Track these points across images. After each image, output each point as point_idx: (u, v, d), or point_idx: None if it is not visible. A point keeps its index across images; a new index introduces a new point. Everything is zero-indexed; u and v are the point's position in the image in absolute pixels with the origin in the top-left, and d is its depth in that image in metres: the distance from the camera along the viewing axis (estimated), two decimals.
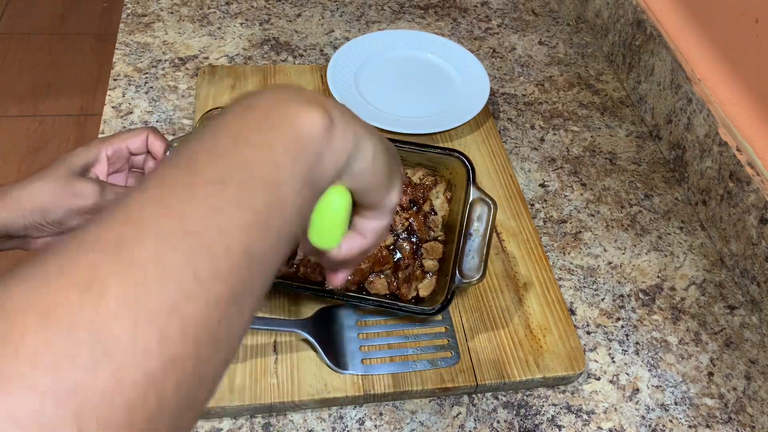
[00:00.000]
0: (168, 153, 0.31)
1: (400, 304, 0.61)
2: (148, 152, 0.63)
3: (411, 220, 0.65)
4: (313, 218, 0.39)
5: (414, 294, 0.63)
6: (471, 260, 0.60)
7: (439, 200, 0.66)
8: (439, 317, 0.64)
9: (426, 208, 0.66)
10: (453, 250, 0.61)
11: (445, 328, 0.63)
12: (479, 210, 0.61)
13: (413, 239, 0.64)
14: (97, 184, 0.55)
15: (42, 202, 0.53)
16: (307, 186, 0.34)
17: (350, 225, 0.42)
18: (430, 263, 0.63)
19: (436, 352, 0.61)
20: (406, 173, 0.68)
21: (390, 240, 0.64)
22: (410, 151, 0.66)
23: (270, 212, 0.31)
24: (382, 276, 0.63)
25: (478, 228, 0.61)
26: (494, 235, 0.72)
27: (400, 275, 0.63)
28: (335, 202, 0.39)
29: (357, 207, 0.42)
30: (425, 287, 0.63)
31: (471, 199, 0.62)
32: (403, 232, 0.64)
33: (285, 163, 0.32)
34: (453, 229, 0.63)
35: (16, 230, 0.53)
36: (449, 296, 0.59)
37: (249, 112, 0.34)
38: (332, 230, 0.40)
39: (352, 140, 0.36)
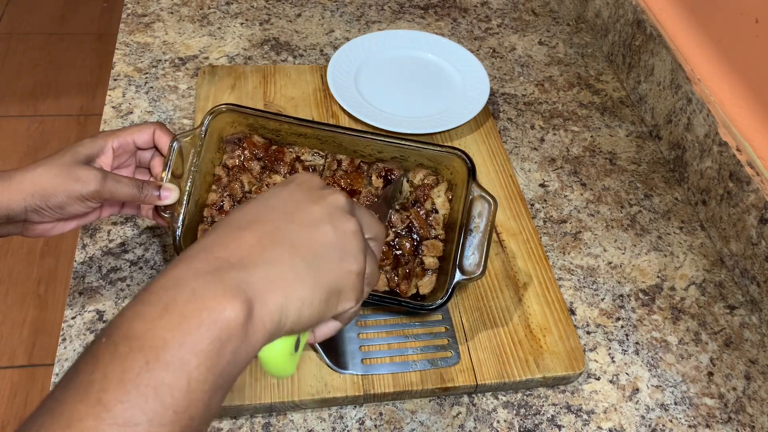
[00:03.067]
0: (82, 352, 0.34)
1: (400, 299, 0.61)
2: (155, 147, 0.63)
3: (412, 217, 0.65)
4: (259, 358, 0.38)
5: (414, 291, 0.63)
6: (471, 256, 0.60)
7: (440, 199, 0.66)
8: (439, 317, 0.64)
9: (428, 205, 0.66)
10: (453, 248, 0.61)
11: (445, 328, 0.63)
12: (479, 207, 0.62)
13: (414, 236, 0.64)
14: (100, 171, 0.56)
15: (44, 185, 0.54)
16: (220, 386, 0.34)
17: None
18: (430, 260, 0.63)
19: (436, 352, 0.61)
20: (408, 175, 0.68)
21: (390, 236, 0.64)
22: (411, 149, 0.67)
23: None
24: (381, 272, 0.63)
25: (478, 224, 0.61)
26: (494, 235, 0.72)
27: (399, 271, 0.63)
28: (275, 347, 0.38)
29: None
30: (425, 285, 0.63)
31: (471, 196, 0.62)
32: (404, 229, 0.65)
33: (198, 377, 0.32)
34: (454, 229, 0.63)
35: (16, 213, 0.54)
36: (450, 291, 0.59)
37: (162, 318, 0.33)
38: (280, 368, 0.39)
39: (270, 323, 0.35)
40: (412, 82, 0.90)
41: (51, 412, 0.30)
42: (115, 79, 0.87)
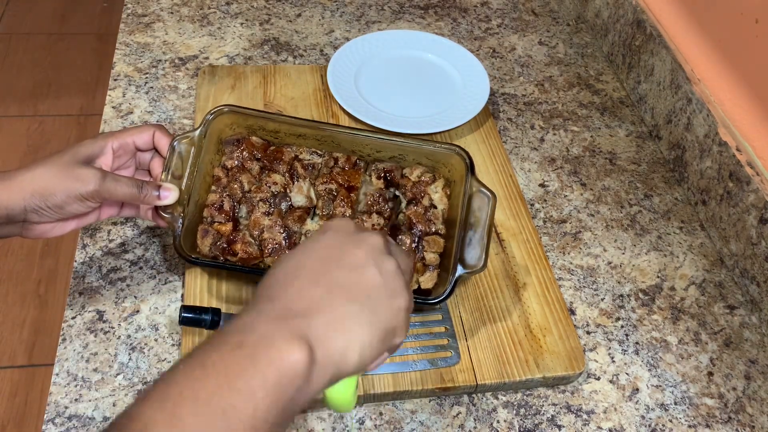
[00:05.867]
0: (153, 384, 0.35)
1: None
2: (155, 149, 0.63)
3: (410, 215, 0.65)
4: (324, 394, 0.42)
5: (415, 287, 0.63)
6: (472, 250, 0.60)
7: (437, 194, 0.67)
8: (439, 317, 0.64)
9: (425, 202, 0.66)
10: (454, 243, 0.61)
11: (445, 328, 0.63)
12: (479, 202, 0.62)
13: (414, 232, 0.64)
14: (99, 171, 0.56)
15: (44, 185, 0.54)
16: (282, 422, 0.36)
17: None
18: (431, 256, 0.64)
19: (436, 352, 0.61)
20: (404, 173, 0.68)
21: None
22: (409, 147, 0.67)
23: None
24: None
25: (478, 218, 0.61)
26: (494, 235, 0.72)
27: None
28: (340, 386, 0.41)
29: None
30: (426, 280, 0.63)
31: (471, 191, 0.62)
32: (402, 226, 0.65)
33: (263, 407, 0.35)
34: (454, 224, 0.63)
35: (16, 213, 0.54)
36: (452, 285, 0.59)
37: (237, 351, 0.36)
38: (343, 404, 0.43)
39: (332, 368, 0.39)
40: (412, 82, 0.90)
41: (129, 417, 0.34)
42: (115, 79, 0.87)
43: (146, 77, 0.88)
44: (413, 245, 0.64)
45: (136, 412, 0.34)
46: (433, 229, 0.65)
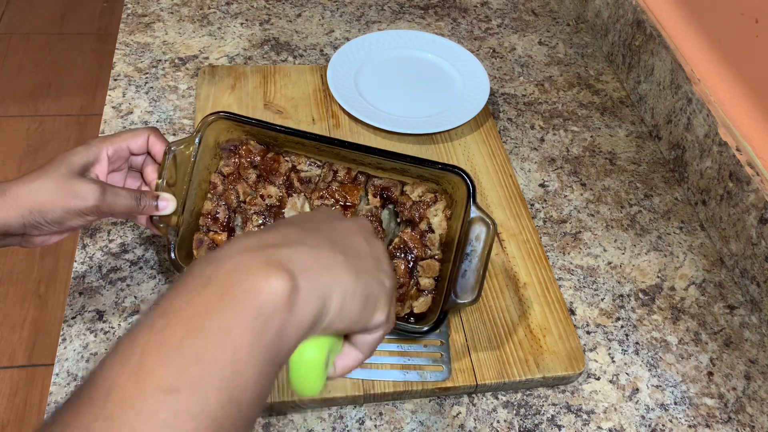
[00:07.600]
0: (117, 341, 0.31)
1: None
2: (149, 153, 0.63)
3: (406, 238, 0.63)
4: (290, 366, 0.37)
5: (408, 311, 0.61)
6: (466, 281, 0.58)
7: (437, 218, 0.64)
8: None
9: (423, 226, 0.64)
10: (449, 271, 0.59)
11: (440, 342, 0.62)
12: (478, 230, 0.59)
13: (409, 258, 0.63)
14: (98, 185, 0.55)
15: (41, 202, 0.53)
16: (269, 363, 0.32)
17: (343, 339, 0.41)
18: (426, 282, 0.62)
19: (428, 365, 0.60)
20: (405, 190, 0.66)
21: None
22: (412, 165, 0.64)
23: (227, 411, 0.29)
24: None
25: (476, 248, 0.59)
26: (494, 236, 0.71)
27: None
28: (309, 355, 0.37)
29: None
30: (420, 305, 0.61)
31: (470, 217, 0.60)
32: (397, 251, 0.63)
33: (243, 347, 0.30)
34: (451, 248, 0.61)
35: (14, 229, 0.53)
36: (441, 316, 0.58)
37: (204, 290, 0.31)
38: (310, 381, 0.38)
39: (317, 301, 0.34)
40: (411, 82, 0.90)
41: (92, 383, 0.29)
42: (115, 79, 0.87)
43: (146, 77, 0.88)
44: (408, 270, 0.62)
45: (99, 375, 0.29)
46: (429, 254, 0.63)
